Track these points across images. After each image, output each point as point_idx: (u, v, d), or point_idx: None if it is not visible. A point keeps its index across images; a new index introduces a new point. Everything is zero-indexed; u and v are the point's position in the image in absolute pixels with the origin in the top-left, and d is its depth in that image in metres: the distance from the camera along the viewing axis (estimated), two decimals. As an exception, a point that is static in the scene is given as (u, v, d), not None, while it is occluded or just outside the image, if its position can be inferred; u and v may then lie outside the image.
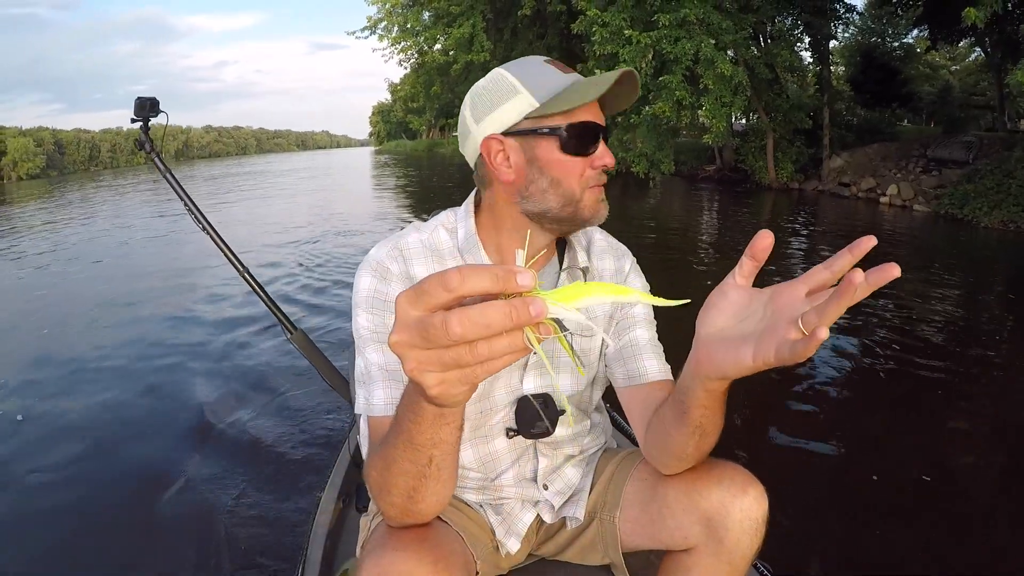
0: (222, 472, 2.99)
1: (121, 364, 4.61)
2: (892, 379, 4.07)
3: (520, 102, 0.98)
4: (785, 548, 2.23)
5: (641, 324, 1.22)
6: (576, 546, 1.27)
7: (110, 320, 5.94)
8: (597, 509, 1.25)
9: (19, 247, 11.36)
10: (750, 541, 1.04)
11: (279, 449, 3.17)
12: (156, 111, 2.18)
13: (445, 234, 1.13)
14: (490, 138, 1.01)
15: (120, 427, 3.57)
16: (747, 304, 0.72)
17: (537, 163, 1.00)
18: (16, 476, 3.05)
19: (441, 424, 0.69)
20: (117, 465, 3.16)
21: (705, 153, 20.46)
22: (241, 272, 2.32)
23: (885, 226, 11.18)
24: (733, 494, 1.03)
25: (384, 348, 1.02)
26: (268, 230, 11.06)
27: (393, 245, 1.09)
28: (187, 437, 3.37)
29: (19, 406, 3.87)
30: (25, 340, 5.40)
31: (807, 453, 3.10)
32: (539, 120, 0.98)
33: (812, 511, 2.56)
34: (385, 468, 0.82)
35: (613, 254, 1.25)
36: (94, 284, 7.77)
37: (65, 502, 2.81)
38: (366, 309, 1.05)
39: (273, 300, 2.35)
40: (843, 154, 15.95)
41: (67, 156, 76.46)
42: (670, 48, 12.27)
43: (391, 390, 1.01)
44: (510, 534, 1.22)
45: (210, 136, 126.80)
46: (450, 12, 18.14)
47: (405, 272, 1.07)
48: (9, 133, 65.45)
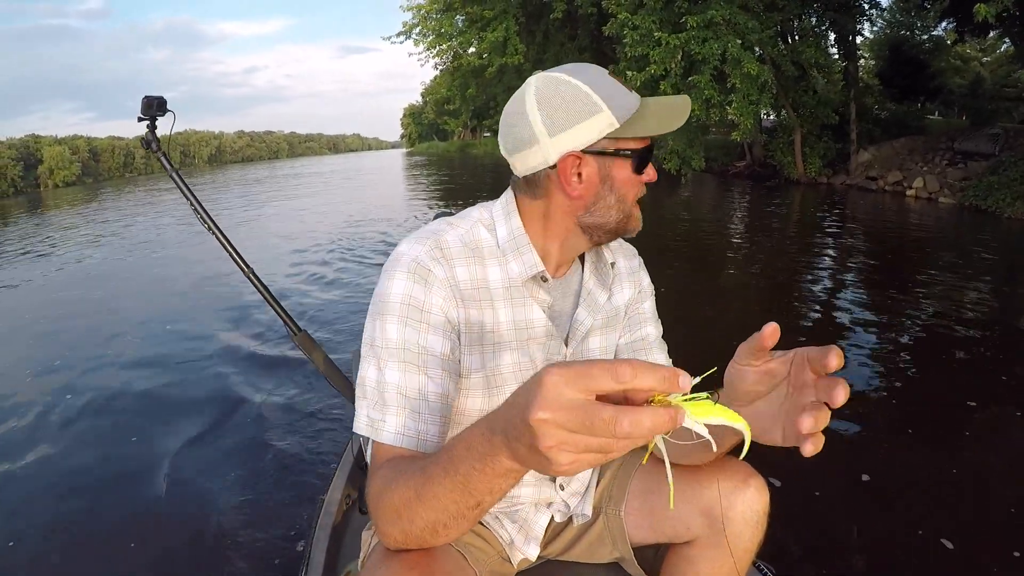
0: (225, 473, 3.00)
1: (123, 365, 4.61)
2: (909, 372, 4.09)
3: (602, 121, 0.96)
4: (786, 546, 2.28)
5: (650, 321, 1.25)
6: (583, 543, 1.26)
7: (112, 318, 6.06)
8: (603, 504, 1.25)
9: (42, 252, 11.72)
10: (752, 533, 1.06)
11: (282, 451, 3.17)
12: (163, 110, 2.12)
13: (485, 232, 1.08)
14: (570, 154, 0.98)
15: (122, 428, 3.59)
16: (767, 381, 0.74)
17: (610, 181, 1.00)
18: (16, 477, 3.08)
19: (508, 478, 0.65)
20: (118, 467, 3.16)
21: (735, 149, 20.70)
22: (246, 272, 2.29)
23: (912, 218, 11.49)
24: (735, 485, 1.05)
25: (408, 369, 0.95)
26: (291, 232, 11.25)
27: (434, 243, 1.02)
28: (189, 438, 3.36)
29: (18, 407, 3.94)
30: (17, 349, 5.41)
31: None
32: (617, 141, 0.98)
33: (816, 509, 2.56)
34: (415, 500, 0.77)
35: (624, 254, 1.25)
36: (103, 283, 7.98)
37: (66, 504, 2.83)
38: (399, 318, 0.96)
39: (278, 301, 2.32)
40: (870, 148, 16.19)
41: (102, 163, 77.04)
42: (698, 49, 12.72)
43: (405, 419, 0.94)
44: (529, 540, 1.21)
45: (242, 141, 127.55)
46: (483, 17, 18.70)
47: (451, 277, 1.01)
48: (45, 142, 66.22)
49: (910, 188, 13.92)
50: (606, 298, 1.18)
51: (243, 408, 3.71)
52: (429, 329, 0.96)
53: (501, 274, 1.05)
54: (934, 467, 2.86)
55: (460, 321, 1.01)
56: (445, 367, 0.98)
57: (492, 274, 1.05)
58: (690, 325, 4.81)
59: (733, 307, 5.75)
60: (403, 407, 0.93)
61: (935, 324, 5.05)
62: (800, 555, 2.27)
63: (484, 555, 1.15)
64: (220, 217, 2.29)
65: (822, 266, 7.62)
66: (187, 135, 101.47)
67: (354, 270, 7.46)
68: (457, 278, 1.00)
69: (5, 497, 2.92)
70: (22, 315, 6.86)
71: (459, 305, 1.00)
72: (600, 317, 1.18)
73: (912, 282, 6.28)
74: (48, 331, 5.87)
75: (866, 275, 7.16)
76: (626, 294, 1.22)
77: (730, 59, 12.62)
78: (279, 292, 5.67)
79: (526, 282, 1.06)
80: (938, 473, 2.81)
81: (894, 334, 4.81)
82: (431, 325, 0.97)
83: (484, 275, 1.04)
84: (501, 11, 18.44)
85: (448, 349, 0.98)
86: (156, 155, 2.17)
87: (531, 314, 1.07)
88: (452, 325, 1.00)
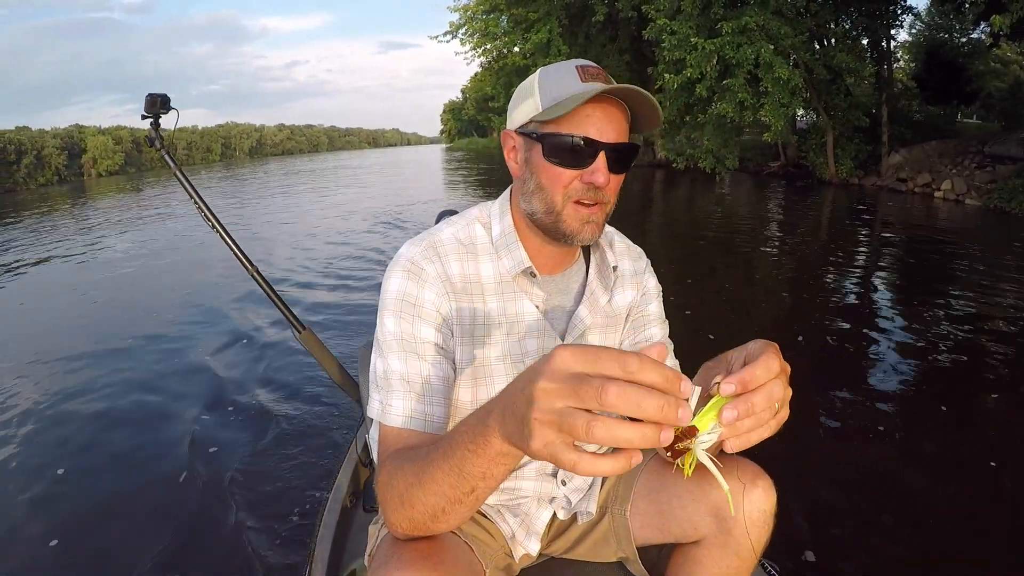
0: (229, 470, 3.00)
1: (127, 362, 4.63)
2: (934, 369, 4.10)
3: (530, 104, 1.00)
4: (792, 546, 2.28)
5: (655, 323, 1.26)
6: (588, 541, 1.27)
7: (116, 317, 6.15)
8: (608, 503, 1.26)
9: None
10: (759, 533, 1.05)
11: (286, 448, 3.17)
12: (167, 108, 2.12)
13: (481, 229, 1.12)
14: (506, 132, 1.06)
15: (125, 425, 3.59)
16: None
17: (530, 164, 1.03)
18: (22, 474, 3.11)
19: (500, 461, 0.67)
20: (123, 463, 3.16)
21: (770, 150, 21.04)
22: (251, 271, 2.28)
23: (937, 219, 11.81)
24: (743, 485, 1.04)
25: (408, 357, 1.01)
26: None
27: (428, 243, 1.08)
28: (193, 435, 3.36)
29: (16, 407, 3.93)
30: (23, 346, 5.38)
31: (817, 449, 3.08)
32: (540, 124, 1.00)
33: (822, 509, 2.55)
34: (416, 485, 0.80)
35: (630, 256, 1.27)
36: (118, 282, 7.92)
37: (69, 500, 2.85)
38: (394, 312, 1.03)
39: (282, 299, 2.31)
40: (902, 151, 16.48)
41: (144, 154, 78.48)
42: (732, 53, 13.33)
43: (410, 402, 0.99)
44: (530, 534, 1.23)
45: (283, 134, 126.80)
46: (528, 18, 19.40)
47: (442, 272, 1.06)
48: (88, 132, 66.18)
49: (938, 190, 14.24)
50: (607, 300, 1.20)
51: (246, 406, 3.72)
52: (423, 321, 1.03)
53: (494, 269, 1.10)
54: (947, 469, 2.85)
55: (452, 314, 1.06)
56: (442, 354, 1.04)
57: (485, 269, 1.10)
58: (718, 320, 5.13)
59: (700, 318, 5.59)
60: (408, 391, 0.99)
61: (953, 323, 5.08)
62: (806, 555, 2.26)
63: (489, 548, 1.16)
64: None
65: (845, 264, 7.85)
66: (228, 127, 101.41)
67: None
68: (450, 273, 1.06)
69: (9, 495, 2.95)
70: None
71: (451, 299, 1.06)
72: (600, 316, 1.20)
73: (931, 280, 6.60)
74: (40, 332, 5.92)
75: (887, 272, 7.45)
76: (628, 297, 1.25)
77: (763, 64, 13.18)
78: (307, 284, 6.00)
79: (516, 277, 1.10)
80: (953, 475, 2.80)
81: (912, 333, 4.81)
82: (424, 318, 1.03)
83: (477, 270, 1.09)
84: (545, 13, 19.11)
85: (442, 340, 1.04)
86: (160, 153, 2.15)
87: (521, 308, 1.11)
88: (444, 318, 1.05)
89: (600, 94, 0.94)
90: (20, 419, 3.76)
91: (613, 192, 1.04)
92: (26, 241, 12.85)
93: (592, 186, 0.99)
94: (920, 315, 5.37)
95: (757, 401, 0.59)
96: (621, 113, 0.99)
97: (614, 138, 0.98)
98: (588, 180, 0.98)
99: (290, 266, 7.81)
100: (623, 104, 0.99)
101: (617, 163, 1.00)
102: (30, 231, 14.91)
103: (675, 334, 1.29)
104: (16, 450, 3.38)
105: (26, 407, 3.94)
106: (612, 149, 0.98)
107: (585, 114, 0.96)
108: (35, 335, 5.83)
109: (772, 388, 0.60)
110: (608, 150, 0.98)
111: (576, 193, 1.00)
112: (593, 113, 0.96)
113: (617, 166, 1.00)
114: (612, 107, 0.98)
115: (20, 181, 52.93)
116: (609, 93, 0.95)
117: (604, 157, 0.98)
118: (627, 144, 1.00)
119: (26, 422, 3.72)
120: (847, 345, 4.58)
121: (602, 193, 1.01)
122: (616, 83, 0.96)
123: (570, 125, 0.96)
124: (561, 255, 1.14)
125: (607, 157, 0.98)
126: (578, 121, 0.96)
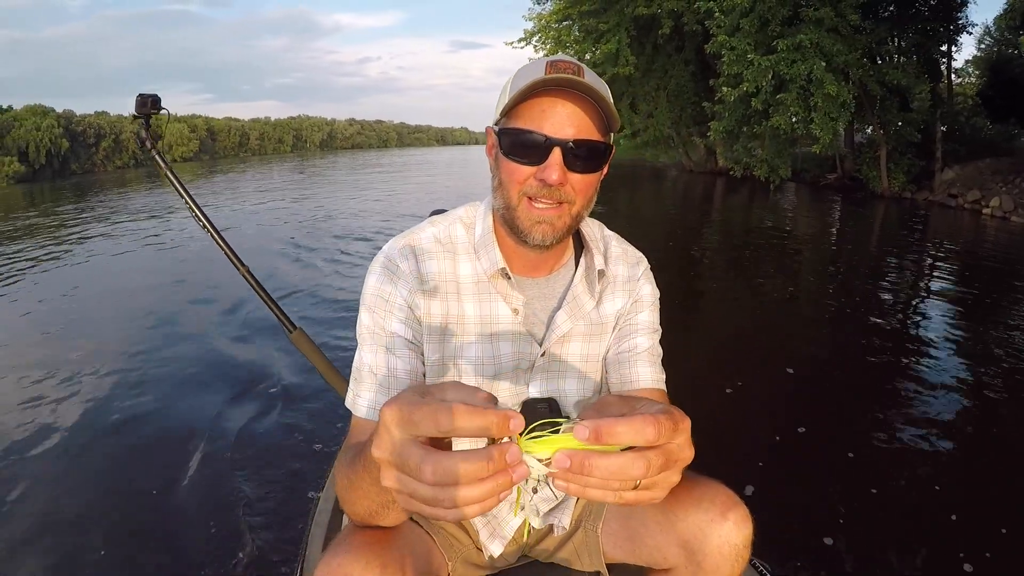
0: (220, 471, 2.97)
1: (120, 363, 4.57)
2: (931, 377, 4.11)
3: (502, 99, 0.99)
4: (784, 546, 2.28)
5: (643, 332, 1.21)
6: (565, 551, 1.27)
7: (117, 315, 6.10)
8: (583, 517, 1.25)
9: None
10: (730, 567, 1.00)
11: (278, 448, 3.16)
12: (158, 108, 2.09)
13: (462, 229, 1.12)
14: (488, 128, 1.03)
15: (117, 427, 3.53)
16: None
17: (497, 160, 1.02)
18: (18, 478, 3.04)
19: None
20: (115, 466, 3.12)
21: (828, 162, 21.30)
22: (242, 272, 2.26)
23: (982, 234, 11.97)
24: (711, 518, 1.00)
25: (377, 350, 1.03)
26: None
27: (406, 242, 1.09)
28: (185, 436, 3.33)
29: (15, 408, 3.87)
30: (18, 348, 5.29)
31: (822, 450, 3.09)
32: (504, 120, 0.99)
33: (816, 510, 2.55)
34: (348, 488, 0.82)
35: (627, 261, 1.23)
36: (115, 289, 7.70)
37: (63, 502, 2.81)
38: (368, 308, 1.05)
39: (273, 299, 2.30)
40: (955, 167, 16.67)
41: (218, 142, 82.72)
42: (787, 70, 14.12)
43: (376, 394, 1.01)
44: (494, 537, 1.22)
45: (353, 128, 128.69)
46: (598, 29, 20.31)
47: (415, 270, 1.06)
48: (164, 119, 71.51)
49: (986, 207, 14.52)
50: (592, 306, 1.17)
51: (237, 406, 3.71)
52: (393, 316, 1.05)
53: (472, 269, 1.10)
54: (951, 479, 2.86)
55: (422, 311, 1.07)
56: (410, 348, 1.06)
57: (463, 269, 1.10)
58: (761, 326, 5.19)
59: (701, 319, 5.69)
60: (373, 383, 1.02)
61: (972, 337, 5.10)
62: (798, 555, 2.26)
63: (458, 542, 1.19)
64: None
65: (890, 277, 7.91)
66: (300, 120, 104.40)
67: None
68: (424, 271, 1.07)
69: (9, 497, 2.89)
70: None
71: (424, 296, 1.07)
72: (582, 323, 1.17)
73: (966, 300, 6.57)
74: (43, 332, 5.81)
75: (929, 286, 7.47)
76: (617, 303, 1.21)
77: (814, 80, 13.89)
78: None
79: (492, 278, 1.09)
80: (957, 485, 2.80)
81: (942, 350, 4.72)
82: (394, 313, 1.05)
83: (454, 269, 1.10)
84: (615, 24, 19.95)
85: (412, 335, 1.07)
86: (150, 152, 2.13)
87: (496, 310, 1.10)
88: (414, 315, 1.07)
89: (567, 90, 0.93)
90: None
91: (580, 192, 1.00)
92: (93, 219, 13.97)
93: (545, 184, 0.96)
94: (949, 328, 5.34)
95: (599, 468, 0.54)
96: (589, 109, 0.96)
97: (573, 135, 0.94)
98: (540, 177, 0.96)
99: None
100: (592, 101, 0.96)
101: (579, 161, 0.96)
102: (109, 209, 16.43)
103: (722, 333, 1.39)
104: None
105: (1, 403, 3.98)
106: (570, 146, 0.94)
107: (540, 109, 0.94)
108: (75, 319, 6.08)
109: (627, 464, 0.55)
110: (564, 147, 0.94)
111: (531, 190, 0.98)
112: (550, 108, 0.94)
113: (579, 164, 0.96)
114: (576, 103, 0.95)
115: (99, 162, 56.80)
116: (565, 86, 0.93)
117: (559, 153, 0.94)
118: (587, 141, 0.96)
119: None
120: (886, 357, 4.57)
121: (560, 192, 0.97)
122: (584, 79, 0.92)
123: (526, 120, 0.95)
124: (539, 257, 1.11)
125: (564, 154, 0.95)
126: (533, 116, 0.94)
